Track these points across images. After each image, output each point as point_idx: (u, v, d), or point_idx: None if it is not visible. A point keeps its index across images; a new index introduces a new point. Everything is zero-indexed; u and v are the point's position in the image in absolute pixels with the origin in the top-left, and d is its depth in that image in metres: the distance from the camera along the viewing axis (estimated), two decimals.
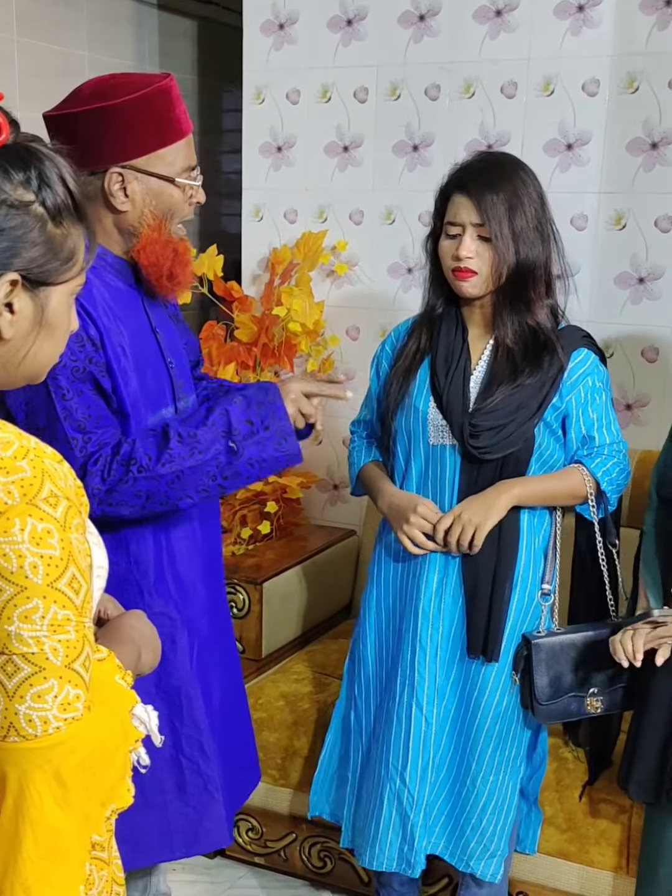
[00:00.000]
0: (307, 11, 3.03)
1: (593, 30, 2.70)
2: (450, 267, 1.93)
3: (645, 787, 1.91)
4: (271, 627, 2.72)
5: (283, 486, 3.01)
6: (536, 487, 1.97)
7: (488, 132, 2.86)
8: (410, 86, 2.93)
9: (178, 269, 1.72)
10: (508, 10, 2.78)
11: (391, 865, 2.08)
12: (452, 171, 1.96)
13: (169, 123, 1.66)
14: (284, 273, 3.09)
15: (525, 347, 1.95)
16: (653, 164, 2.70)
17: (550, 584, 2.04)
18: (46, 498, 0.97)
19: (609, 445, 2.01)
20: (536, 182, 1.95)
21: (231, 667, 2.00)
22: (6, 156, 1.00)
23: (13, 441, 1.00)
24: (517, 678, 2.00)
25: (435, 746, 2.05)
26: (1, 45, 2.94)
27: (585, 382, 1.99)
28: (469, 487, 1.98)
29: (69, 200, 1.04)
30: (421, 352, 2.04)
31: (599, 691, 2.00)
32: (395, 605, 2.11)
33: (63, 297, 1.07)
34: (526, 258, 1.90)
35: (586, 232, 2.80)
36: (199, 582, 1.86)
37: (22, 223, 1.00)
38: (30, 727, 0.97)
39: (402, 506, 2.01)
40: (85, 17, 3.22)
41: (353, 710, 2.17)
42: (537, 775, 2.20)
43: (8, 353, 1.05)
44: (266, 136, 3.16)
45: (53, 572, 0.97)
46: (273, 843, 2.55)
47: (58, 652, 0.98)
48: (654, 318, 2.76)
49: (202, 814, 1.83)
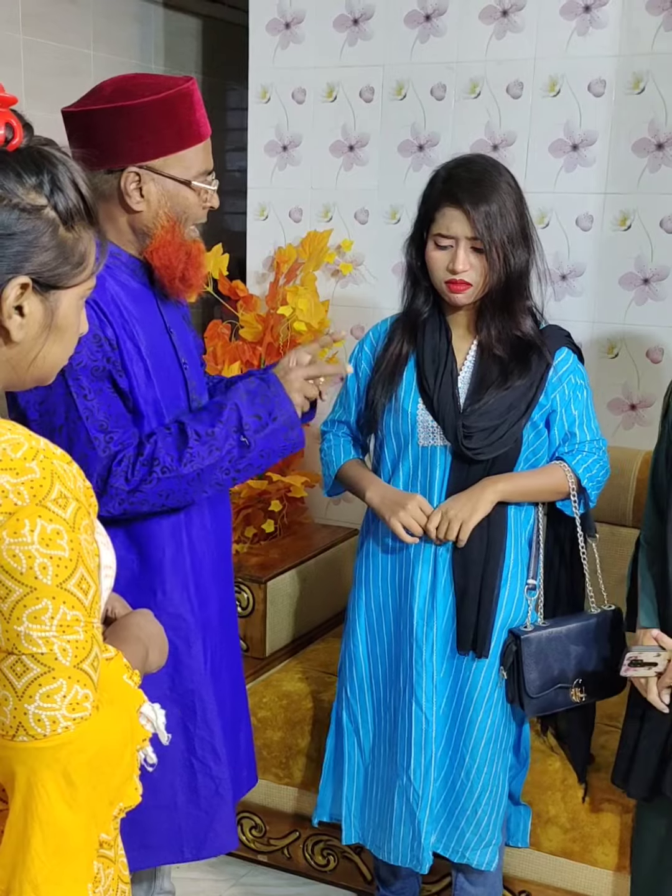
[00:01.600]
0: (313, 10, 3.03)
1: (600, 30, 2.70)
2: (443, 278, 1.95)
3: (645, 783, 1.92)
4: (275, 626, 2.73)
5: (288, 485, 3.01)
6: (520, 483, 2.01)
7: (494, 132, 2.86)
8: (416, 85, 2.94)
9: (190, 272, 1.72)
10: (515, 11, 2.78)
11: (405, 860, 2.11)
12: (438, 181, 1.95)
13: (188, 126, 1.66)
14: (289, 272, 3.09)
15: (512, 350, 1.99)
16: (658, 164, 2.70)
17: (535, 578, 2.08)
18: (56, 499, 0.98)
19: (590, 442, 2.05)
20: (516, 184, 1.96)
21: (235, 667, 2.01)
22: (19, 159, 1.00)
23: (23, 442, 1.00)
24: (504, 673, 2.03)
25: (436, 743, 2.07)
26: (7, 43, 2.95)
27: (569, 380, 2.03)
28: (458, 488, 2.01)
29: (81, 205, 1.05)
30: (405, 354, 2.05)
31: (584, 681, 2.06)
32: (385, 604, 2.12)
33: (73, 301, 1.07)
34: (515, 266, 1.93)
35: (591, 232, 2.80)
36: (211, 581, 1.87)
37: (34, 227, 1.00)
38: (39, 727, 0.97)
39: (396, 497, 2.02)
40: (90, 16, 3.23)
41: (345, 711, 2.19)
42: (521, 773, 2.23)
43: (18, 356, 1.05)
44: (272, 135, 3.16)
45: (62, 573, 0.98)
46: (276, 840, 2.56)
47: (67, 652, 0.98)
48: (658, 318, 2.77)
49: (213, 816, 1.83)
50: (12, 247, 0.99)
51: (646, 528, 1.99)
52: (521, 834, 2.26)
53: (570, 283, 2.84)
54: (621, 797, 2.18)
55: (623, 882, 2.20)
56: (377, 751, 2.17)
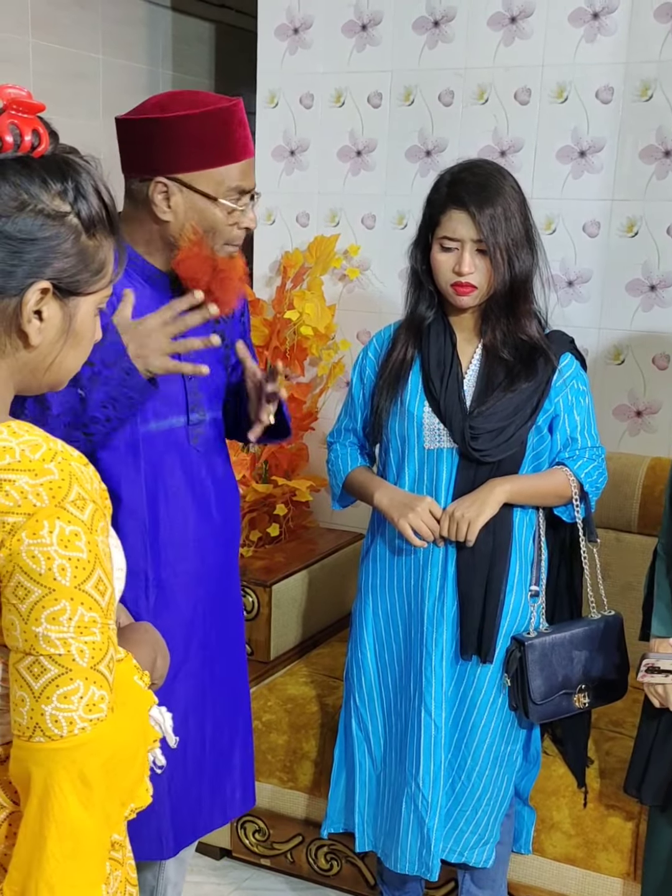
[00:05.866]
0: (322, 16, 3.04)
1: (608, 37, 2.71)
2: (449, 281, 1.96)
3: (658, 791, 1.92)
4: (280, 630, 2.73)
5: (293, 488, 3.02)
6: (526, 485, 2.01)
7: (501, 138, 2.86)
8: (424, 91, 2.94)
9: (215, 286, 1.71)
10: (523, 17, 2.79)
11: (413, 868, 2.11)
12: (443, 185, 1.97)
13: (222, 145, 1.67)
14: (296, 277, 3.10)
15: (517, 353, 2.00)
16: (666, 171, 2.70)
17: (538, 584, 2.08)
18: (74, 501, 0.98)
19: (590, 449, 2.06)
20: (519, 188, 1.98)
21: (234, 683, 1.98)
22: (45, 166, 1.01)
23: (41, 444, 1.01)
24: (508, 680, 2.03)
25: (445, 749, 2.07)
26: (16, 47, 2.96)
27: (572, 385, 2.04)
28: (465, 490, 2.01)
29: (104, 213, 1.06)
30: (409, 358, 2.06)
31: (586, 687, 2.07)
32: (394, 610, 2.12)
33: (90, 308, 1.08)
34: (520, 269, 1.94)
35: (598, 239, 2.81)
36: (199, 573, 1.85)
37: (57, 234, 1.01)
38: (56, 728, 0.98)
39: (405, 499, 2.02)
40: (100, 20, 3.24)
41: (354, 719, 2.18)
42: (531, 774, 2.23)
43: (35, 360, 1.06)
44: (279, 140, 3.17)
45: (81, 574, 0.98)
46: (280, 844, 2.56)
47: (84, 653, 0.99)
48: (665, 324, 2.77)
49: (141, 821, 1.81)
50: (35, 252, 1.00)
51: (663, 537, 1.99)
52: (525, 840, 2.25)
53: (577, 289, 2.85)
54: (626, 804, 2.18)
55: (629, 889, 2.20)
56: (387, 758, 2.16)
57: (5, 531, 0.97)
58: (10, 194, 0.99)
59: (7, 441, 1.00)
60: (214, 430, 1.88)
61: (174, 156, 1.66)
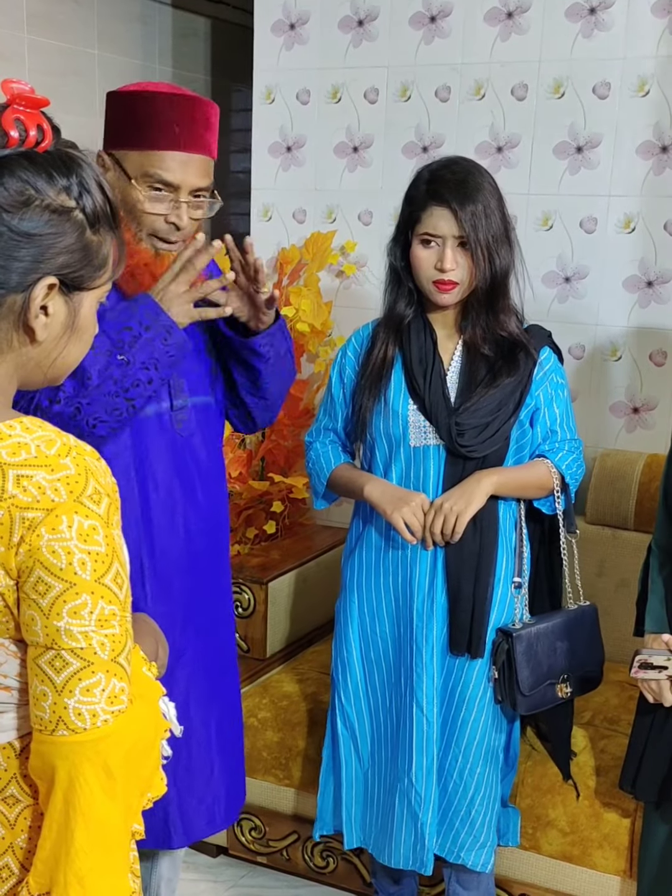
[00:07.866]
0: (318, 12, 3.03)
1: (604, 32, 2.70)
2: (430, 278, 1.96)
3: (653, 788, 1.92)
4: (276, 627, 2.73)
5: (289, 486, 3.01)
6: (512, 476, 2.02)
7: (498, 134, 2.86)
8: (421, 87, 2.93)
9: (123, 275, 1.68)
10: (520, 13, 2.78)
11: (407, 863, 2.11)
12: (422, 182, 1.97)
13: (153, 130, 1.68)
14: (293, 273, 3.09)
15: (498, 348, 2.01)
16: (663, 167, 2.69)
17: (521, 576, 2.09)
18: (91, 495, 0.99)
19: (569, 441, 2.09)
20: (497, 186, 1.98)
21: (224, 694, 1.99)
22: (50, 161, 1.01)
23: (55, 439, 1.01)
24: (496, 673, 2.03)
25: (437, 744, 2.07)
26: (11, 43, 2.95)
27: (552, 379, 2.06)
28: (452, 487, 2.01)
29: (107, 208, 1.06)
30: (391, 357, 2.06)
31: (568, 676, 2.09)
32: (380, 607, 2.11)
33: (93, 303, 1.08)
34: (500, 265, 1.95)
35: (595, 235, 2.80)
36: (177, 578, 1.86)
37: (62, 229, 1.01)
38: (79, 721, 0.99)
39: (398, 493, 2.02)
40: (95, 16, 3.23)
41: (339, 717, 2.18)
42: (510, 776, 2.23)
43: (40, 355, 1.06)
44: (276, 136, 3.16)
45: (100, 568, 0.99)
46: (275, 842, 2.56)
47: (105, 646, 1.00)
48: (662, 321, 2.76)
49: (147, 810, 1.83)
50: (41, 248, 1.00)
51: (657, 533, 1.99)
52: (512, 833, 2.25)
53: (574, 285, 2.84)
54: (622, 801, 2.18)
55: (625, 886, 2.20)
56: (376, 755, 2.16)
57: (25, 527, 0.97)
58: (17, 189, 0.99)
59: (21, 437, 1.00)
60: (197, 415, 1.89)
61: (114, 131, 1.72)
